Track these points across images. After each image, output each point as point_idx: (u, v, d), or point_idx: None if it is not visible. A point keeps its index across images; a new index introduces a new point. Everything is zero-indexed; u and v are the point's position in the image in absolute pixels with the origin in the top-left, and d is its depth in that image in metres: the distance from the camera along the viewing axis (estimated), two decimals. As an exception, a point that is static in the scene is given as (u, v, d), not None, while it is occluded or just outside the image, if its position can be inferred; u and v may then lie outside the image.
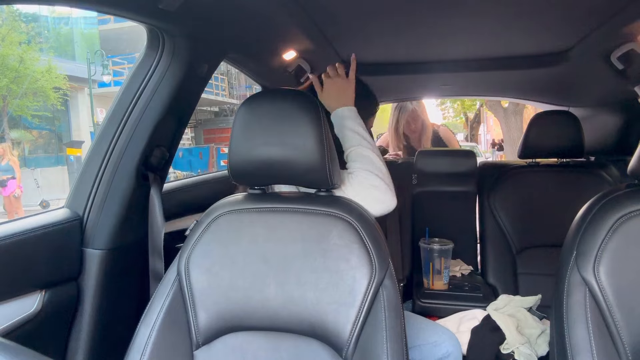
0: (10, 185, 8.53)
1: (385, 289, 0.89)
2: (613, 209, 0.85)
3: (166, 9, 1.02)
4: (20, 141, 14.26)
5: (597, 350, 0.79)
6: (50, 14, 14.88)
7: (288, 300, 0.91)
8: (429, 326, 1.48)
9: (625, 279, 0.81)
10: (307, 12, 1.42)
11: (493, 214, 2.03)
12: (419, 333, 1.42)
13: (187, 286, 0.95)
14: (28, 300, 1.08)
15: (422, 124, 2.89)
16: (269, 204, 0.98)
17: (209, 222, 0.99)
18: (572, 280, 0.85)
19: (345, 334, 0.88)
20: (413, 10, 1.43)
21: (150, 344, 0.90)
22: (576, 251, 0.86)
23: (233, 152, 0.98)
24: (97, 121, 13.10)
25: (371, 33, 1.68)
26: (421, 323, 1.48)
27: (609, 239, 0.83)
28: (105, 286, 1.21)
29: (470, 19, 1.51)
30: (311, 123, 0.93)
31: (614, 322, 0.80)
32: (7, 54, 12.37)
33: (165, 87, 1.22)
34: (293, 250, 0.93)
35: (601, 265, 0.82)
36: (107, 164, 1.22)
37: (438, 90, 2.85)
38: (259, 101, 0.98)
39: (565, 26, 1.60)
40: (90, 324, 1.19)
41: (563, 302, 0.85)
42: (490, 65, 2.06)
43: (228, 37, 1.37)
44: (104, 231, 1.22)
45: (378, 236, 0.94)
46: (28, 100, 12.75)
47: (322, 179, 0.96)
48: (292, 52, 1.74)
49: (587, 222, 0.87)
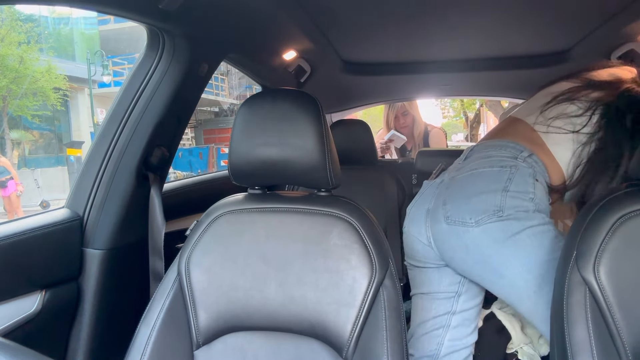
0: (10, 185, 8.52)
1: (385, 289, 0.89)
2: (613, 209, 0.85)
3: (166, 9, 1.02)
4: (21, 141, 14.25)
5: (597, 350, 0.79)
6: (50, 14, 14.89)
7: (288, 300, 0.91)
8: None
9: (625, 278, 0.81)
10: (307, 12, 1.42)
11: None
12: None
13: (188, 286, 0.95)
14: (28, 300, 1.08)
15: (413, 120, 2.90)
16: (270, 204, 0.98)
17: (209, 222, 0.99)
18: (572, 280, 0.85)
19: (346, 334, 0.88)
20: (413, 10, 1.43)
21: (151, 344, 0.90)
22: (576, 251, 0.86)
23: (233, 152, 0.98)
24: (97, 121, 13.10)
25: (371, 33, 1.69)
26: None
27: (609, 239, 0.83)
28: (105, 286, 1.21)
29: (471, 19, 1.51)
30: (311, 123, 0.93)
31: (614, 322, 0.80)
32: (6, 54, 12.37)
33: (165, 87, 1.22)
34: (293, 250, 0.93)
35: (601, 265, 0.82)
36: (107, 164, 1.22)
37: (438, 90, 2.85)
38: (259, 101, 0.98)
39: (565, 26, 1.60)
40: (90, 324, 1.19)
41: (563, 302, 0.85)
42: (491, 65, 2.06)
43: (228, 37, 1.37)
44: (104, 231, 1.22)
45: (378, 236, 0.94)
46: (28, 101, 12.74)
47: (323, 179, 0.96)
48: (292, 52, 1.75)
49: (587, 222, 0.87)
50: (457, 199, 1.17)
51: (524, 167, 1.14)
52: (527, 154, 1.17)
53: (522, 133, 1.24)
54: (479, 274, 1.18)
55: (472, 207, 1.13)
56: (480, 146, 1.28)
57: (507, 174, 1.13)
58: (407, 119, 2.90)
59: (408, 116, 2.89)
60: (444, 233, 1.19)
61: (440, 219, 1.19)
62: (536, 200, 1.10)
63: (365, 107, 3.08)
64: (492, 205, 1.11)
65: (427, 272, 1.30)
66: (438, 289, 1.29)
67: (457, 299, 1.28)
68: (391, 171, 2.13)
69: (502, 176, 1.13)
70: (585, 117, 1.17)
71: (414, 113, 2.90)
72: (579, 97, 1.20)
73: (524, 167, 1.14)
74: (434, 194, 1.25)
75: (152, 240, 1.28)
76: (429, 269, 1.29)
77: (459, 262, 1.19)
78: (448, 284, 1.28)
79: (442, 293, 1.29)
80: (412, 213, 1.31)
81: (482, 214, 1.11)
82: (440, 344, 1.30)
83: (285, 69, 1.84)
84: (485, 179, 1.16)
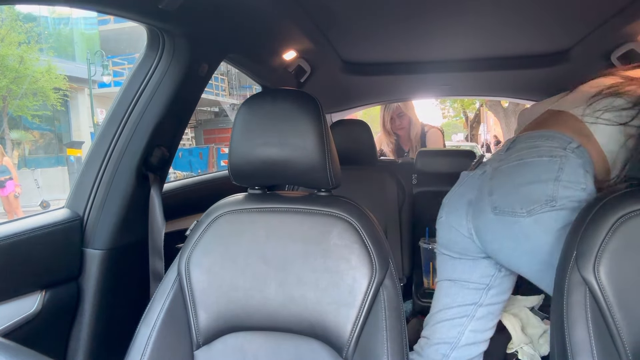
0: (8, 185, 8.52)
1: (385, 289, 0.89)
2: (613, 209, 0.85)
3: (166, 9, 1.02)
4: (21, 142, 14.25)
5: (597, 350, 0.79)
6: (50, 14, 14.89)
7: (288, 300, 0.91)
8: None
9: (626, 278, 0.81)
10: (307, 12, 1.42)
11: None
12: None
13: (188, 286, 0.95)
14: (28, 300, 1.08)
15: (409, 121, 2.88)
16: (269, 204, 0.98)
17: (209, 222, 0.99)
18: (572, 280, 0.85)
19: (346, 334, 0.88)
20: (413, 10, 1.43)
21: (151, 344, 0.90)
22: (576, 251, 0.86)
23: (233, 152, 0.98)
24: (97, 122, 13.10)
25: (371, 33, 1.69)
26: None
27: (609, 238, 0.83)
28: (105, 286, 1.21)
29: (471, 19, 1.51)
30: (311, 123, 0.93)
31: (614, 322, 0.80)
32: (7, 54, 12.37)
33: (165, 87, 1.22)
34: (293, 250, 0.93)
35: (601, 265, 0.82)
36: (107, 164, 1.22)
37: (438, 90, 2.85)
38: (259, 101, 0.98)
39: (565, 26, 1.60)
40: (90, 324, 1.19)
41: (563, 301, 0.85)
42: (491, 65, 2.06)
43: (228, 37, 1.37)
44: (104, 231, 1.22)
45: (378, 236, 0.94)
46: (28, 101, 12.75)
47: (323, 179, 0.96)
48: (292, 52, 1.75)
49: (587, 222, 0.87)
50: (505, 189, 1.16)
51: (573, 157, 1.13)
52: (575, 145, 1.15)
53: (569, 124, 1.22)
54: (527, 264, 1.16)
55: (522, 197, 1.11)
56: (524, 137, 1.26)
57: (557, 163, 1.11)
58: (403, 121, 2.88)
59: (404, 118, 2.88)
60: (490, 224, 1.17)
61: (486, 209, 1.17)
62: (587, 190, 1.09)
63: (365, 107, 3.07)
64: (544, 195, 1.09)
65: (460, 262, 1.29)
66: (469, 278, 1.28)
67: (486, 291, 1.28)
68: (391, 171, 2.13)
69: (552, 166, 1.11)
70: (634, 110, 1.15)
71: (410, 114, 2.88)
72: (625, 91, 1.19)
73: (574, 158, 1.12)
74: (475, 186, 1.24)
75: (152, 240, 1.28)
76: (464, 260, 1.28)
77: (506, 253, 1.17)
78: (480, 276, 1.27)
79: (472, 283, 1.28)
80: (450, 203, 1.30)
81: (533, 204, 1.09)
82: (462, 332, 1.29)
83: (285, 69, 1.84)
84: (534, 169, 1.14)
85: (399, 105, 2.86)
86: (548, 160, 1.13)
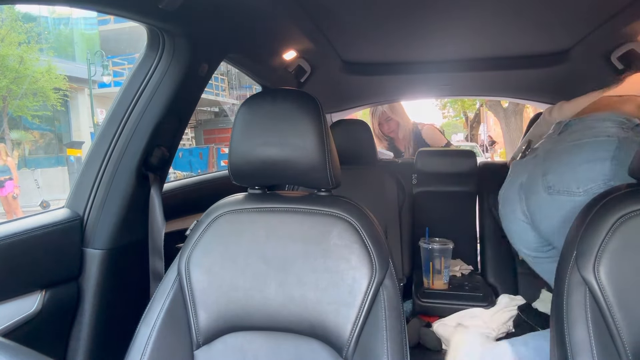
0: (7, 186, 8.52)
1: (385, 289, 0.89)
2: (613, 209, 0.85)
3: (166, 9, 1.02)
4: (21, 142, 14.25)
5: (597, 350, 0.79)
6: (50, 14, 14.89)
7: (288, 300, 0.91)
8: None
9: (625, 278, 0.81)
10: (307, 12, 1.42)
11: (493, 214, 2.03)
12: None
13: (188, 286, 0.95)
14: (28, 300, 1.08)
15: (397, 124, 2.90)
16: (269, 204, 0.98)
17: (209, 222, 0.99)
18: (572, 280, 0.85)
19: (346, 334, 0.88)
20: (413, 10, 1.43)
21: (151, 344, 0.90)
22: (576, 251, 0.86)
23: (233, 152, 0.98)
24: (97, 122, 13.10)
25: (371, 33, 1.69)
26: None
27: (609, 238, 0.83)
28: (105, 286, 1.21)
29: (471, 19, 1.51)
30: (311, 123, 0.93)
31: (614, 322, 0.80)
32: (6, 54, 12.37)
33: (165, 87, 1.22)
34: (293, 250, 0.93)
35: (601, 265, 0.82)
36: (107, 164, 1.22)
37: (438, 90, 2.85)
38: (259, 101, 0.98)
39: (565, 26, 1.60)
40: (90, 324, 1.19)
41: (563, 302, 0.85)
42: (490, 65, 2.06)
43: (228, 37, 1.37)
44: (104, 231, 1.22)
45: (378, 236, 0.94)
46: (28, 101, 12.74)
47: (323, 179, 0.96)
48: (292, 52, 1.75)
49: (587, 222, 0.87)
50: (561, 169, 1.15)
51: (631, 135, 1.12)
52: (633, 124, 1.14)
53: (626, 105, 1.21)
54: None
55: (579, 176, 1.11)
56: (576, 120, 1.25)
57: (614, 143, 1.10)
58: (390, 125, 2.90)
59: (391, 122, 2.90)
60: (542, 203, 1.16)
61: (538, 190, 1.17)
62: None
63: (365, 107, 3.07)
64: (601, 175, 1.08)
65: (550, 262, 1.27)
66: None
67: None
68: (391, 171, 2.13)
69: (609, 145, 1.11)
70: None
71: (397, 118, 2.89)
72: None
73: (632, 136, 1.12)
74: (525, 169, 1.24)
75: (152, 240, 1.28)
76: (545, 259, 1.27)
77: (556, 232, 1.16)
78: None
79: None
80: (504, 195, 1.30)
81: (591, 183, 1.09)
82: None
83: (285, 69, 1.84)
84: (591, 148, 1.13)
85: (385, 110, 2.86)
86: (604, 140, 1.12)
